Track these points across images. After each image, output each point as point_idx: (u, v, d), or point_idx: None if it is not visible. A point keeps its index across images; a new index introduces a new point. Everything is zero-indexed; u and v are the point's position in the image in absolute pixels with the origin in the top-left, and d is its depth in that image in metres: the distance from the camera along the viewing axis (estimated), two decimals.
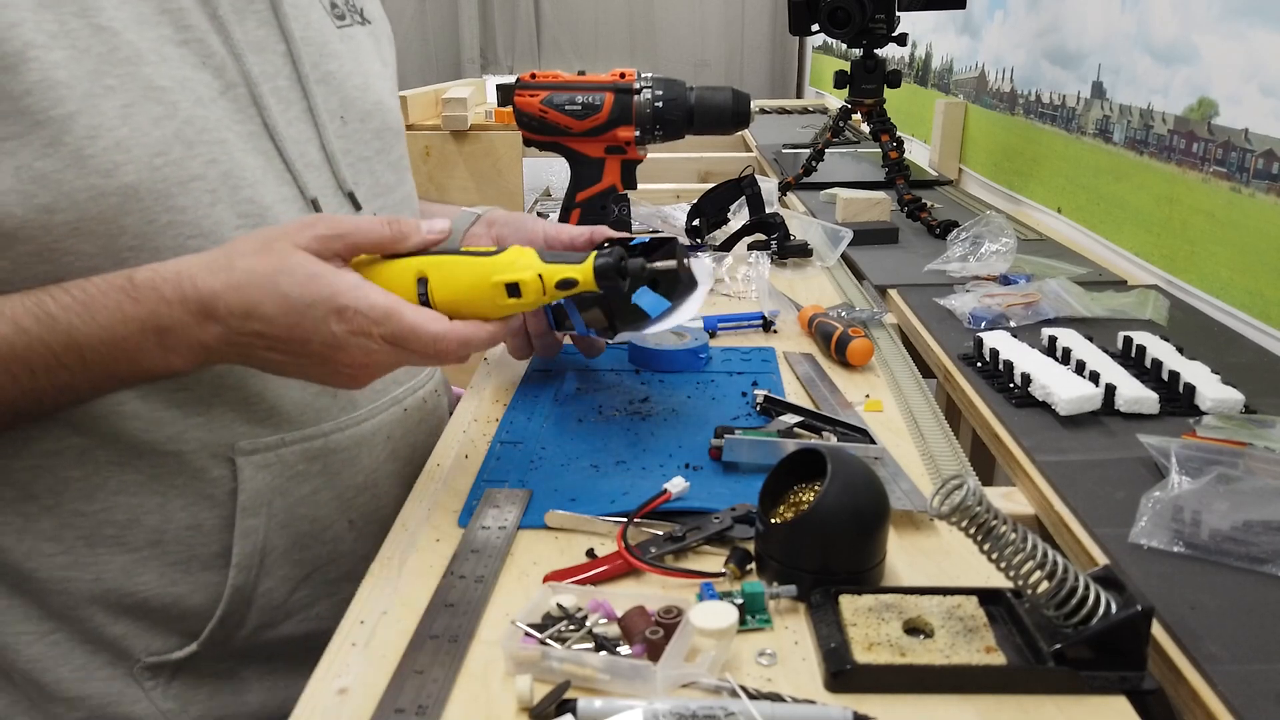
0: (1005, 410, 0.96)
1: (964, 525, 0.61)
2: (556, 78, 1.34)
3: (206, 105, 0.74)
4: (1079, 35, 1.71)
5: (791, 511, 0.68)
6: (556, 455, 0.84)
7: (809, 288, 1.35)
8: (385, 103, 0.91)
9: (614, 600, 0.61)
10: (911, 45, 2.70)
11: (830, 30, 1.69)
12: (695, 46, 4.51)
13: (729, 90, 1.36)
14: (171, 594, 0.78)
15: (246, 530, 0.78)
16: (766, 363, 1.05)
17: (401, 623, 0.62)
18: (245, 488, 0.78)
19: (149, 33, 0.71)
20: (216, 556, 0.78)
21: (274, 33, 0.80)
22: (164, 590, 0.78)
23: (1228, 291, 1.23)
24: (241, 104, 0.77)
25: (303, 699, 0.56)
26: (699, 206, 1.48)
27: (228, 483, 0.78)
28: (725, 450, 0.81)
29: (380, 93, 0.90)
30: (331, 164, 0.83)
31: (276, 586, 0.82)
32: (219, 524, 0.78)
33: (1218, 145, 1.26)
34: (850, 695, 0.56)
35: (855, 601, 0.62)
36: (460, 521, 0.75)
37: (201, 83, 0.74)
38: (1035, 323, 1.18)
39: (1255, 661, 0.60)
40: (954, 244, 1.44)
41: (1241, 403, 0.92)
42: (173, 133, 0.71)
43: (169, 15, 0.73)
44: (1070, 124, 1.72)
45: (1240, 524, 0.72)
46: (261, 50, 0.79)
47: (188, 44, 0.74)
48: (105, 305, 0.66)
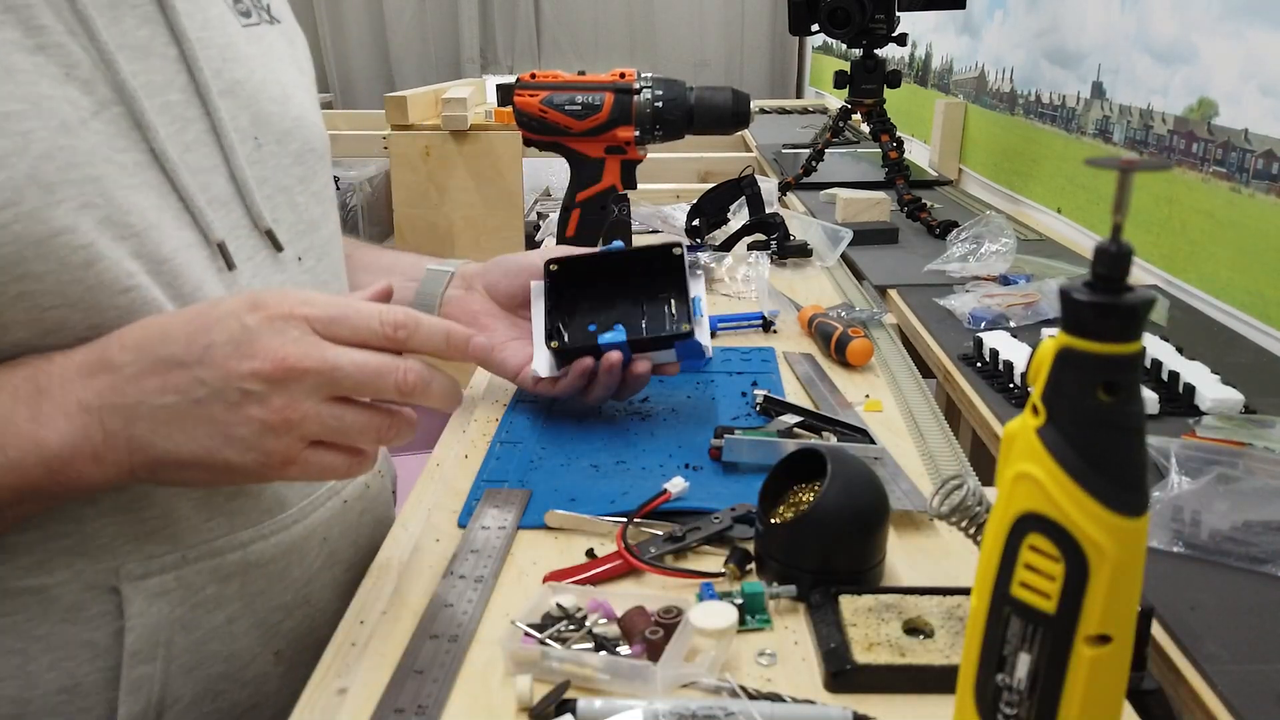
0: (1005, 410, 0.96)
1: (964, 525, 0.61)
2: (556, 78, 1.34)
3: (73, 132, 0.55)
4: (1079, 35, 1.71)
5: (791, 511, 0.68)
6: (556, 455, 0.84)
7: (809, 288, 1.35)
8: (307, 118, 0.73)
9: (614, 600, 0.61)
10: (911, 45, 2.70)
11: (830, 30, 1.69)
12: (695, 46, 4.52)
13: (729, 90, 1.36)
14: None
15: (137, 681, 0.60)
16: (766, 363, 1.05)
17: (401, 623, 0.62)
18: (135, 625, 0.60)
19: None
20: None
21: (161, 31, 0.62)
22: None
23: (1227, 292, 1.23)
24: (121, 126, 0.59)
25: (302, 699, 0.56)
26: (699, 206, 1.48)
27: (112, 621, 0.59)
28: (725, 450, 0.81)
29: (301, 106, 0.73)
30: (243, 196, 0.65)
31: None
32: (102, 679, 0.60)
33: (1217, 145, 1.26)
34: (850, 695, 0.56)
35: (855, 601, 0.62)
36: (460, 521, 0.75)
37: (66, 101, 0.56)
38: (1035, 323, 1.18)
39: (1255, 661, 0.60)
40: (954, 244, 1.44)
41: (1241, 403, 0.92)
42: (25, 174, 0.52)
43: (13, 13, 0.55)
44: (1070, 124, 1.72)
45: (1240, 524, 0.72)
46: (145, 55, 0.61)
47: (43, 50, 0.56)
48: None
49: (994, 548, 0.42)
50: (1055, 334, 0.39)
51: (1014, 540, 0.41)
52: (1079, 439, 0.38)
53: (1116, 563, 0.38)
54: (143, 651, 0.60)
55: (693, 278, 0.88)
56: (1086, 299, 0.37)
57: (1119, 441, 0.38)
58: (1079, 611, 0.39)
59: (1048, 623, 0.40)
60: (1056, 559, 0.39)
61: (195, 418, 0.53)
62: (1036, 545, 0.40)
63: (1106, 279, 0.37)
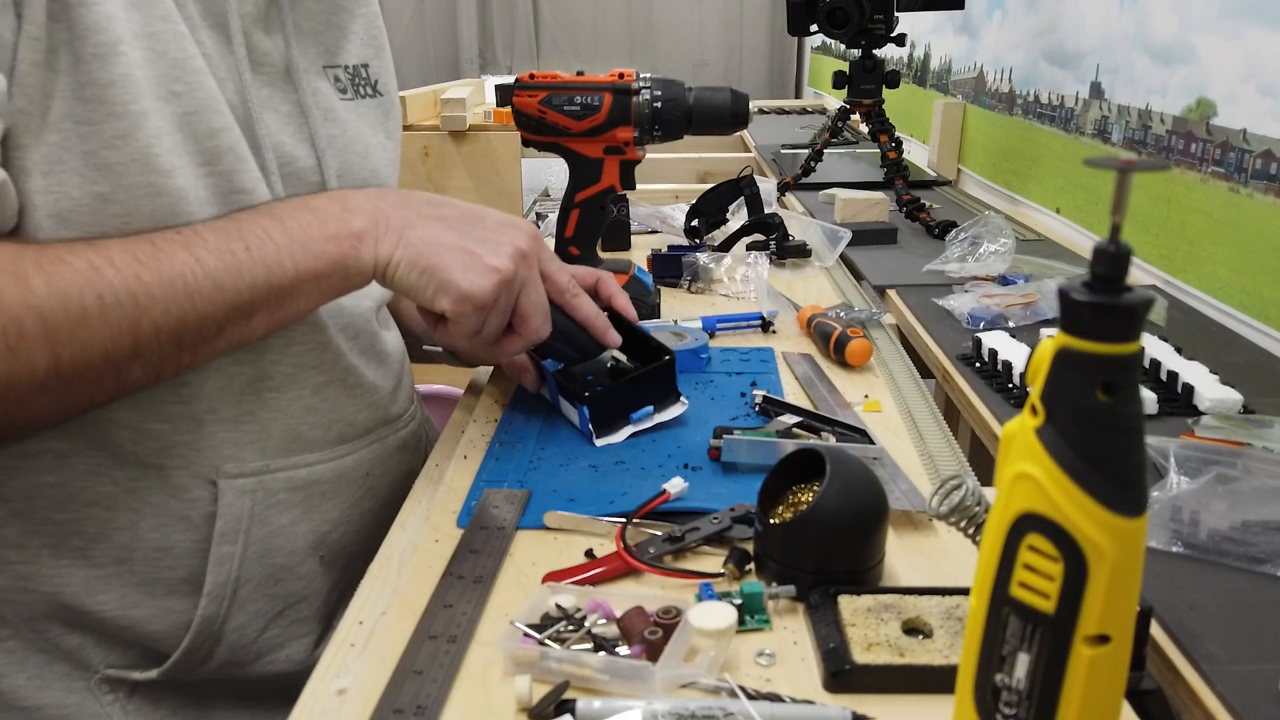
0: (1004, 410, 0.96)
1: (962, 525, 0.61)
2: (555, 78, 1.34)
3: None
4: (1077, 35, 1.71)
5: (790, 512, 0.68)
6: (555, 455, 0.84)
7: (807, 288, 1.35)
8: (381, 173, 0.92)
9: (613, 600, 0.61)
10: (910, 45, 2.70)
11: (829, 30, 1.69)
12: (694, 47, 4.52)
13: (728, 90, 1.36)
14: (131, 616, 0.76)
15: (222, 557, 0.76)
16: (765, 363, 1.05)
17: (400, 623, 0.62)
18: (225, 512, 0.76)
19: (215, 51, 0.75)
20: (183, 583, 0.77)
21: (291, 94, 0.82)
22: (124, 612, 0.76)
23: (1226, 291, 1.23)
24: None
25: (301, 700, 0.56)
26: (697, 207, 1.48)
27: (206, 505, 0.76)
28: (724, 450, 0.81)
29: (378, 161, 0.91)
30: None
31: (248, 623, 0.80)
32: (190, 549, 0.76)
33: (1216, 145, 1.27)
34: (849, 695, 0.56)
35: (854, 602, 0.62)
36: (459, 522, 0.74)
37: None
38: (1034, 323, 1.18)
39: (1254, 661, 0.60)
40: (952, 244, 1.44)
41: (1240, 403, 0.92)
42: (228, 146, 0.73)
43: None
44: (1069, 124, 1.72)
45: (1239, 524, 0.72)
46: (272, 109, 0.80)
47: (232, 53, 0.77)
48: (285, 204, 0.72)
49: (993, 548, 0.42)
50: (1054, 334, 0.39)
51: (1013, 540, 0.41)
52: (1078, 439, 0.38)
53: (1115, 563, 0.38)
54: (227, 534, 0.76)
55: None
56: (1085, 299, 0.37)
57: (1118, 441, 0.38)
58: (1078, 611, 0.39)
59: (1047, 623, 0.40)
60: (1055, 559, 0.39)
61: (458, 249, 0.73)
62: (1035, 545, 0.40)
63: (1105, 279, 0.37)
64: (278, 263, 0.69)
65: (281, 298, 0.70)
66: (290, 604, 0.82)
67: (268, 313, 0.70)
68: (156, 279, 0.64)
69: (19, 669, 0.76)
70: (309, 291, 0.71)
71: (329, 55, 0.87)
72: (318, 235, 0.71)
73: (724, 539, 0.70)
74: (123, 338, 0.63)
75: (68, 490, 0.73)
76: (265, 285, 0.68)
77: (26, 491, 0.73)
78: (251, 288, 0.68)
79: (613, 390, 0.87)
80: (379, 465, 0.89)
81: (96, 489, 0.73)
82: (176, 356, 0.67)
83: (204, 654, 0.78)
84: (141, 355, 0.65)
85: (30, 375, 0.60)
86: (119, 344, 0.63)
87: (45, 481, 0.73)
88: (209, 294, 0.66)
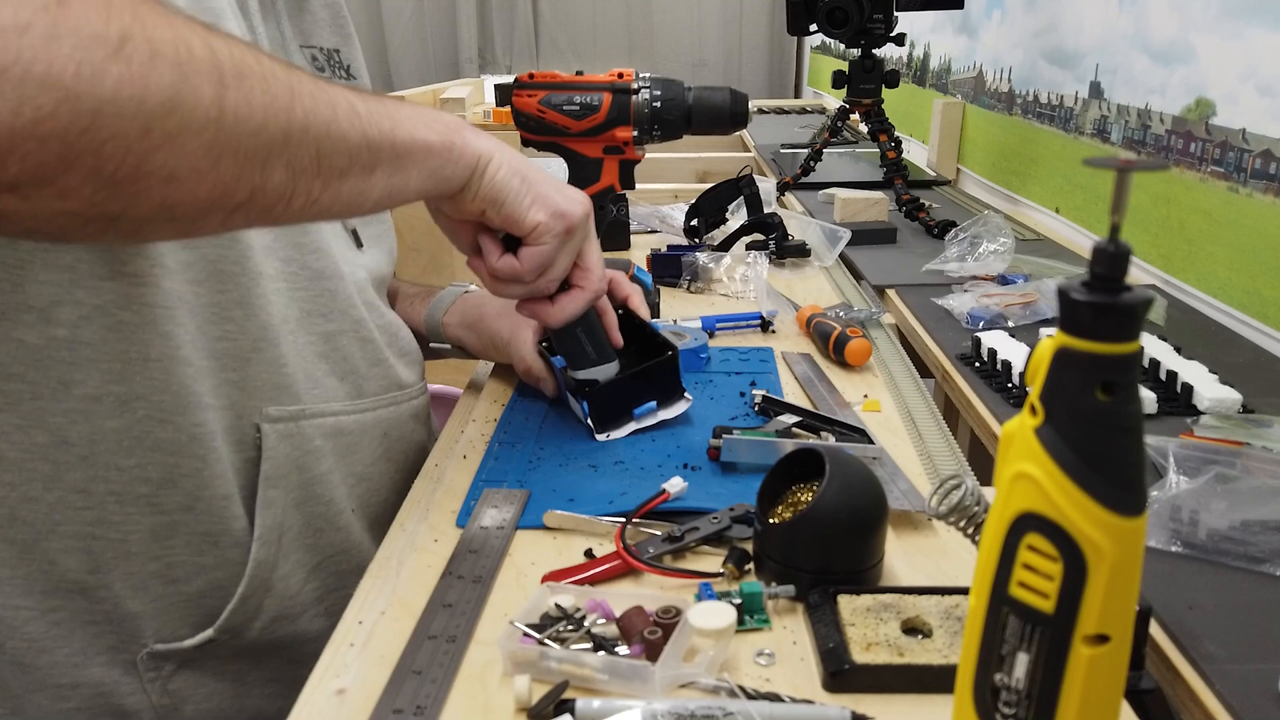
0: (1003, 410, 0.96)
1: (962, 525, 0.61)
2: (554, 78, 1.34)
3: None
4: (1076, 35, 1.71)
5: (790, 511, 0.68)
6: (555, 455, 0.84)
7: (807, 288, 1.35)
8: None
9: (612, 600, 0.61)
10: (909, 45, 2.70)
11: (828, 30, 1.69)
12: (693, 46, 4.51)
13: (727, 90, 1.36)
14: (196, 565, 0.76)
15: (269, 500, 0.78)
16: (765, 363, 1.05)
17: (399, 623, 0.62)
18: (269, 456, 0.78)
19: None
20: (243, 532, 0.78)
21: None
22: (189, 560, 0.76)
23: (1225, 291, 1.23)
24: None
25: (301, 700, 0.56)
26: (697, 206, 1.48)
27: (251, 449, 0.78)
28: (724, 450, 0.81)
29: None
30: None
31: (292, 572, 0.81)
32: (244, 495, 0.78)
33: (1215, 145, 1.27)
34: (848, 695, 0.56)
35: (853, 601, 0.62)
36: (458, 522, 0.74)
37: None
38: (1033, 322, 1.18)
39: (1253, 661, 0.60)
40: (952, 244, 1.44)
41: (1239, 402, 0.92)
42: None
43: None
44: (1068, 124, 1.72)
45: (1238, 523, 0.72)
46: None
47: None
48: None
49: (992, 547, 0.42)
50: (1053, 334, 0.39)
51: (1012, 540, 0.41)
52: (1077, 439, 0.38)
53: (1115, 562, 0.38)
54: (272, 478, 0.78)
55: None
56: (1084, 299, 0.37)
57: (1117, 441, 0.38)
58: (1077, 611, 0.39)
59: (1046, 622, 0.40)
60: (1055, 559, 0.39)
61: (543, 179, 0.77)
62: (1035, 545, 0.40)
63: (1104, 279, 0.37)
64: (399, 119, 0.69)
65: (399, 159, 0.70)
66: (329, 555, 0.84)
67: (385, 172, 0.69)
68: (303, 77, 0.63)
69: (64, 643, 0.75)
70: (420, 164, 0.71)
71: (304, 35, 0.89)
72: (428, 117, 0.73)
73: (723, 539, 0.70)
74: (278, 112, 0.59)
75: (133, 435, 0.73)
76: (391, 136, 0.68)
77: (92, 436, 0.72)
78: (380, 132, 0.67)
79: (613, 384, 0.87)
80: (395, 428, 0.91)
81: (160, 435, 0.74)
82: (312, 175, 0.63)
83: (255, 605, 0.78)
84: (289, 149, 0.61)
85: (195, 101, 0.55)
86: (274, 115, 0.59)
87: (109, 426, 0.73)
88: (347, 114, 0.65)
